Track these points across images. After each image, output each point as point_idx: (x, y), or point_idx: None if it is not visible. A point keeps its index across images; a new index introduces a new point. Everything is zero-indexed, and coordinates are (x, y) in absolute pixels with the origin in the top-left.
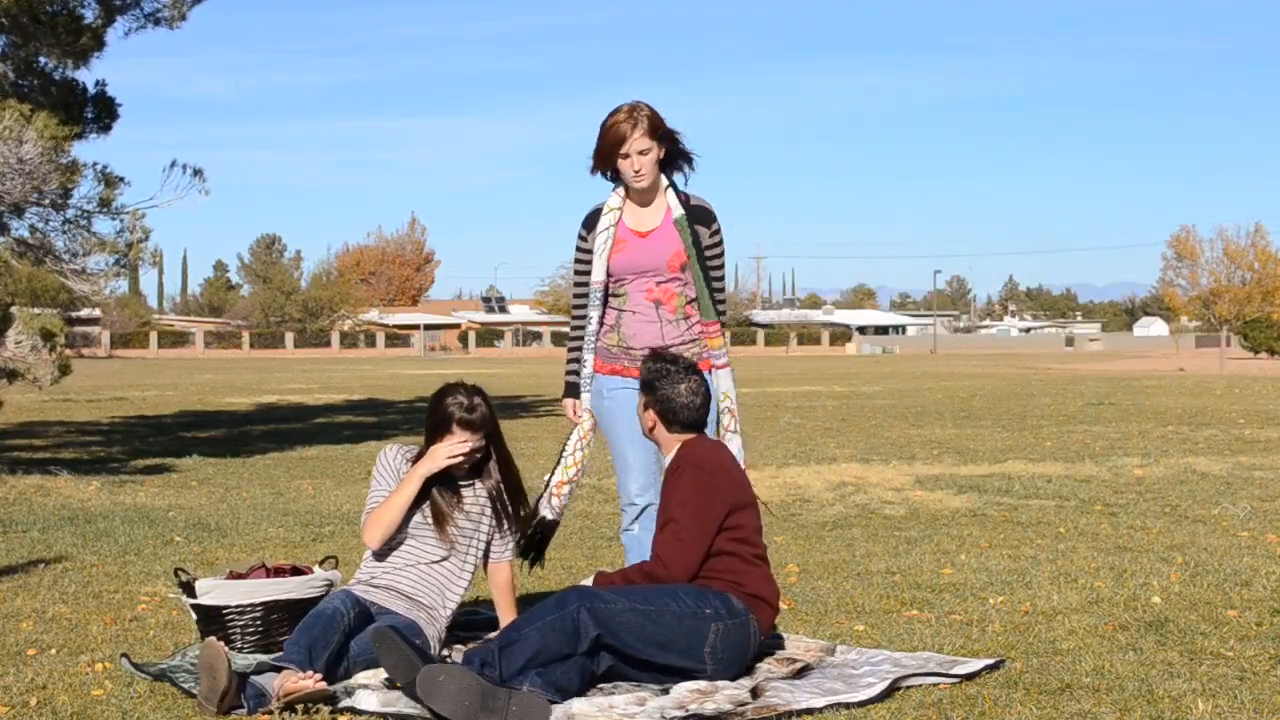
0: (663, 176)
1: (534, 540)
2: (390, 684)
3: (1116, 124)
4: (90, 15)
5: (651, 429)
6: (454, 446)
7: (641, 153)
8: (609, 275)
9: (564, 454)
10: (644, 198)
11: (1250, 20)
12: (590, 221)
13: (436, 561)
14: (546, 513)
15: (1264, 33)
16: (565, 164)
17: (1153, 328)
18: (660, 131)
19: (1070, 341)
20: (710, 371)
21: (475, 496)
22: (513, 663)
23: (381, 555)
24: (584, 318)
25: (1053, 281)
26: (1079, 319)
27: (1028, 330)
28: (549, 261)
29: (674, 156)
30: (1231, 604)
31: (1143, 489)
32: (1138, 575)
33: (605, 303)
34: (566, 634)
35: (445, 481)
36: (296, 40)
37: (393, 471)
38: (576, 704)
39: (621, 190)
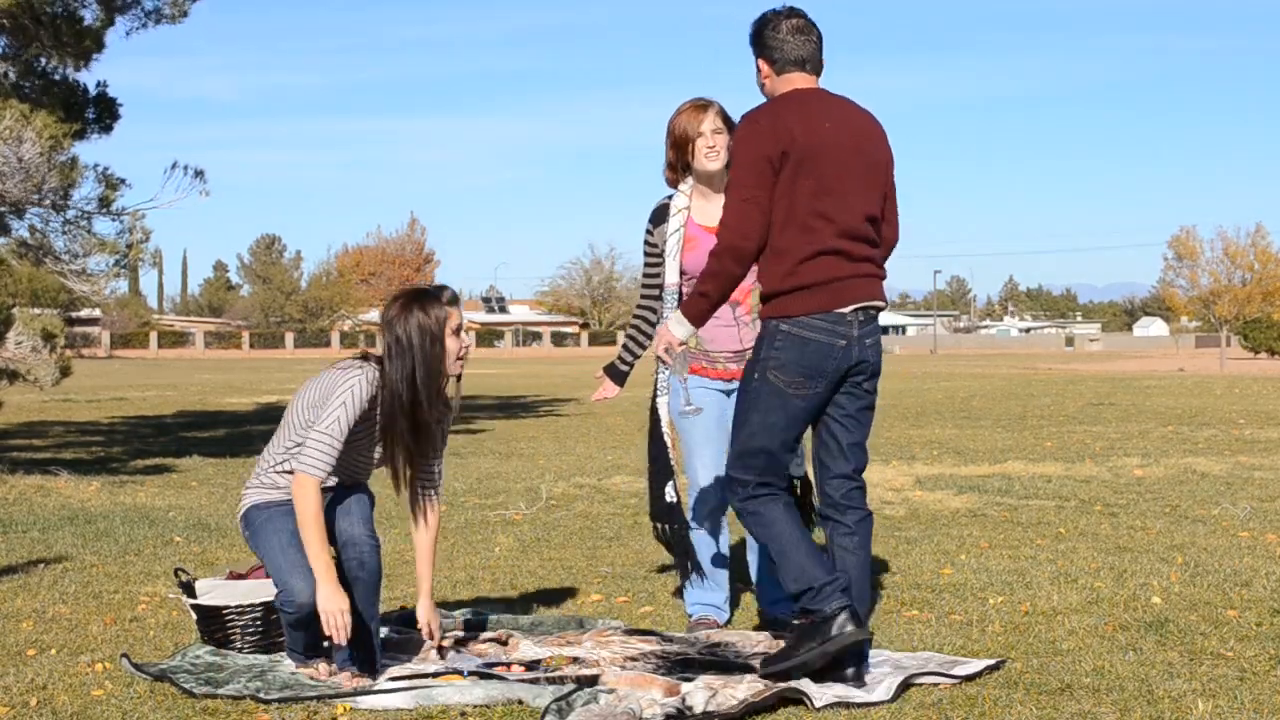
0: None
1: (683, 553)
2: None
3: (1116, 124)
4: (91, 16)
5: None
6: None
7: (716, 131)
8: (682, 274)
9: (667, 462)
10: (714, 186)
11: (1251, 20)
12: (657, 217)
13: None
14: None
15: (1264, 33)
16: (565, 164)
17: (1152, 328)
18: (731, 124)
19: (1070, 342)
20: None
21: None
22: None
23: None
24: (649, 309)
25: (1053, 282)
26: (1079, 319)
27: (1027, 330)
28: (549, 261)
29: None
30: (1231, 604)
31: (1143, 489)
32: (1138, 575)
33: (680, 303)
34: None
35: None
36: (297, 40)
37: (363, 413)
38: (604, 699)
39: (686, 187)
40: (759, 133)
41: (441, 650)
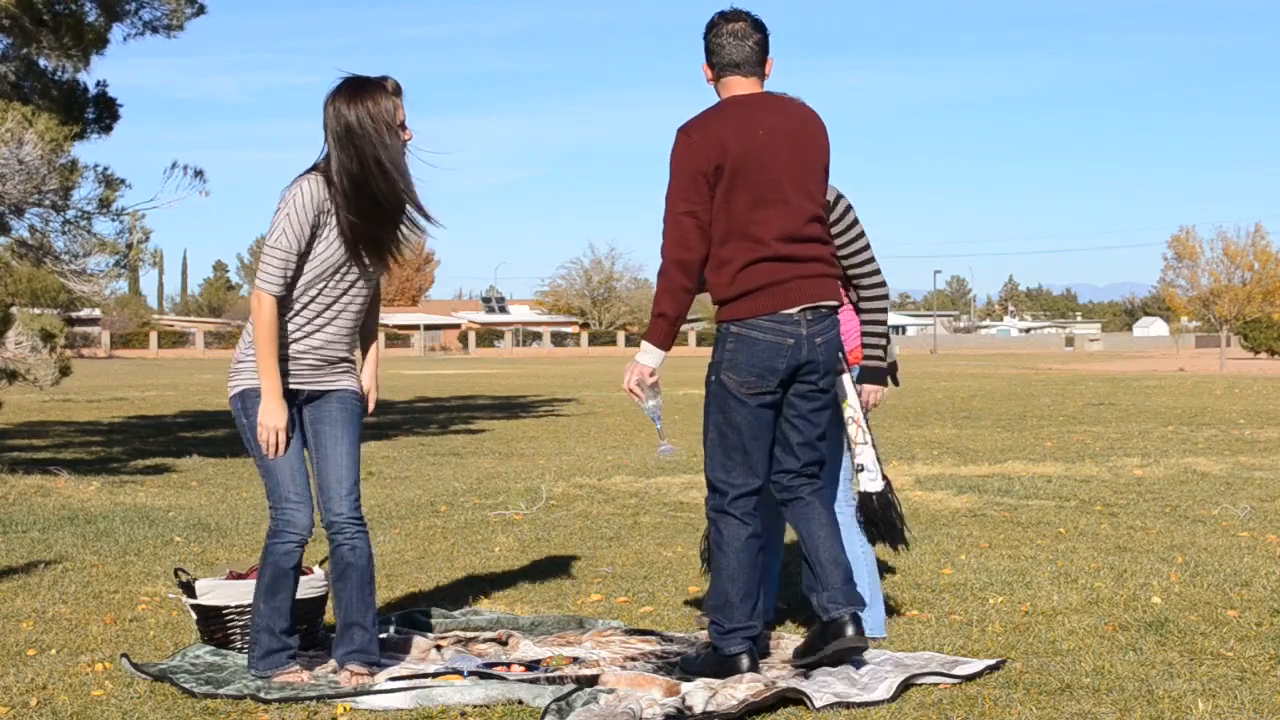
0: None
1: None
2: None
3: (1116, 124)
4: (91, 17)
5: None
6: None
7: None
8: None
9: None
10: None
11: (1250, 20)
12: None
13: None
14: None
15: (1264, 33)
16: (565, 164)
17: (1153, 328)
18: None
19: (1070, 342)
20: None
21: None
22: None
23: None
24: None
25: (1053, 281)
26: (1079, 319)
27: (1028, 330)
28: (549, 261)
29: None
30: (1231, 604)
31: (1143, 489)
32: (1138, 575)
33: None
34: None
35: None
36: (297, 40)
37: (311, 221)
38: (604, 698)
39: None
40: (692, 146)
41: (441, 650)
